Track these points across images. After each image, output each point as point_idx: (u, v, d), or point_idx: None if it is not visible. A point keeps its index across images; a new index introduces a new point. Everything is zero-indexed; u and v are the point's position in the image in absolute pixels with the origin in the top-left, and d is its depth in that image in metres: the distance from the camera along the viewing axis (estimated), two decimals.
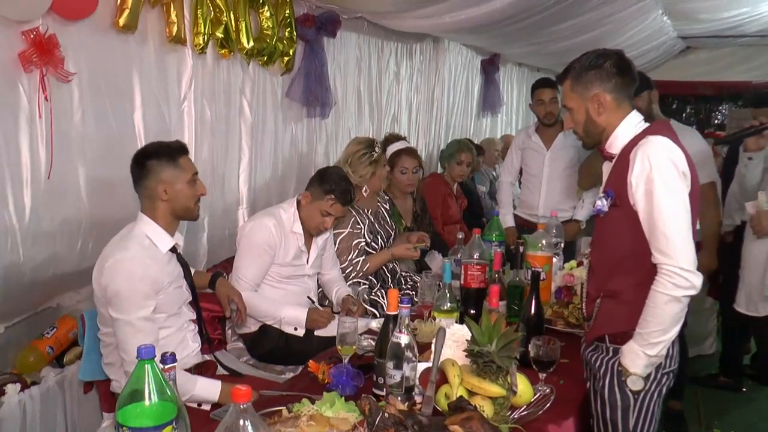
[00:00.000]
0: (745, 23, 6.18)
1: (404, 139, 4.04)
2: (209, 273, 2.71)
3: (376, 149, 3.31)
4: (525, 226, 4.13)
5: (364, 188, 3.30)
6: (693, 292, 1.79)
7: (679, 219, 1.79)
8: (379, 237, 3.36)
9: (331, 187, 2.82)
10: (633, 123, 1.95)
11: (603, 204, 1.92)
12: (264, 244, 2.79)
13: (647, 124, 1.96)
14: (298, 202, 2.91)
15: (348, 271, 3.21)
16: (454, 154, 4.56)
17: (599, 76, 1.95)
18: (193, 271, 2.68)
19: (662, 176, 1.79)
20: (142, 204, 2.24)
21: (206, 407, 2.21)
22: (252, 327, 2.87)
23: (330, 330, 2.77)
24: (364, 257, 3.26)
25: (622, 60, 1.97)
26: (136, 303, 2.08)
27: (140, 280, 2.09)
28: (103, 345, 2.26)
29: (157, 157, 2.19)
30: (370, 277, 3.31)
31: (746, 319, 3.29)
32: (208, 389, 2.20)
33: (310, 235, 2.92)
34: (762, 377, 4.13)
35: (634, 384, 1.87)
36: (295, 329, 2.82)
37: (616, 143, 1.97)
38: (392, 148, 3.82)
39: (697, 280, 1.78)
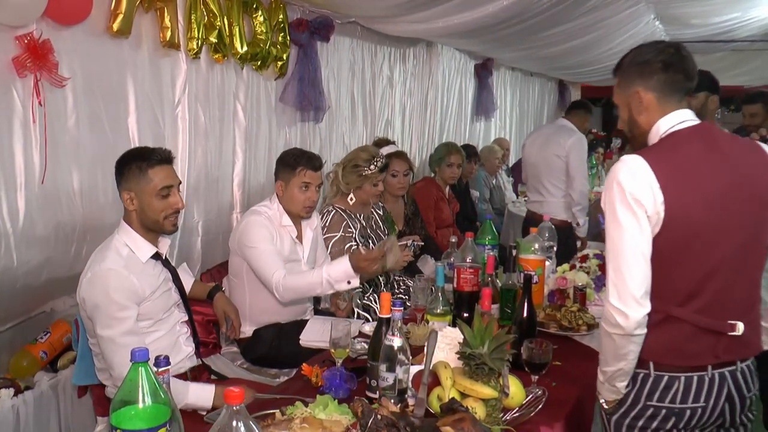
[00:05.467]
0: (736, 28, 6.24)
1: (393, 143, 4.06)
2: (208, 285, 2.69)
3: (372, 167, 3.24)
4: None
5: (349, 196, 3.28)
6: (619, 332, 1.62)
7: (617, 251, 1.64)
8: (370, 242, 3.34)
9: (296, 161, 2.79)
10: (661, 128, 1.74)
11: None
12: (265, 233, 2.75)
13: (680, 128, 1.72)
14: (278, 197, 2.90)
15: None
16: (444, 157, 4.58)
17: (641, 72, 1.76)
18: (192, 280, 2.69)
19: (609, 202, 1.65)
20: (124, 211, 2.19)
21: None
22: (246, 331, 2.87)
23: (321, 338, 2.73)
24: None
25: (674, 55, 1.75)
26: (114, 315, 2.04)
27: (115, 291, 2.04)
28: (95, 353, 2.24)
29: (129, 165, 2.12)
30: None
31: None
32: (201, 395, 2.16)
33: (299, 225, 2.93)
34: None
35: (599, 399, 1.83)
36: (349, 282, 2.63)
37: None
38: (382, 152, 3.83)
39: (625, 321, 1.60)
